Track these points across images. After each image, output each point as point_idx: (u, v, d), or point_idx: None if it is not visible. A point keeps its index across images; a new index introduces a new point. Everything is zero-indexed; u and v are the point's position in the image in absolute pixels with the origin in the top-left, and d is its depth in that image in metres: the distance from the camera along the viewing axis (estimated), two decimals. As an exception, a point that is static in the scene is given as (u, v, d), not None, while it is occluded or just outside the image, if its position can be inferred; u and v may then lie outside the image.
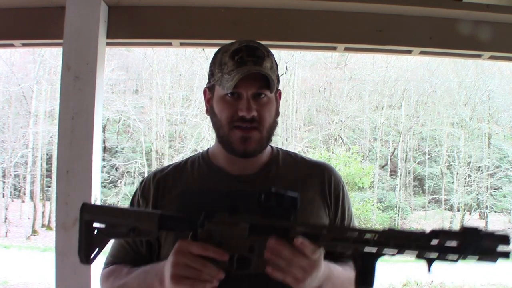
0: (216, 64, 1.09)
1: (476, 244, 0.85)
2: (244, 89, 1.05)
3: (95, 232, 0.99)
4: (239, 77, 1.02)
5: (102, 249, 1.00)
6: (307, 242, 0.90)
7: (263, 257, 0.91)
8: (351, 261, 1.14)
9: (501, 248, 0.86)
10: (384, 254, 0.90)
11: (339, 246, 0.91)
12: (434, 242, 0.87)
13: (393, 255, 0.89)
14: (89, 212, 1.00)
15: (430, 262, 0.89)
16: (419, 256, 0.88)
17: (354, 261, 0.93)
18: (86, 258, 0.99)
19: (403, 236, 0.88)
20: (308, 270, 0.91)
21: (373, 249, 0.89)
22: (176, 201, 1.12)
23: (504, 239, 0.86)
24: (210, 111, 1.13)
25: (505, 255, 0.86)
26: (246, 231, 0.92)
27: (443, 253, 0.87)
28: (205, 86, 1.16)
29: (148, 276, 1.04)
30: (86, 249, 0.98)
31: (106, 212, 1.03)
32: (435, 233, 0.87)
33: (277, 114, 1.14)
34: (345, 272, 1.10)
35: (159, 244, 1.14)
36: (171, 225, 0.98)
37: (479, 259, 0.86)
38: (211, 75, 1.11)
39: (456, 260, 0.87)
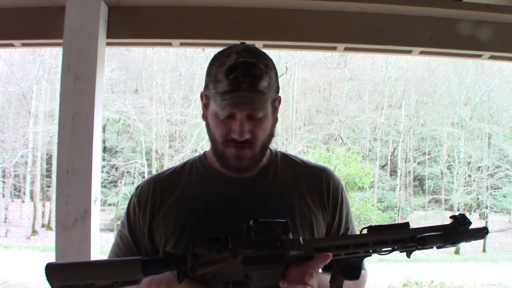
0: (211, 77, 1.04)
1: (456, 241, 0.97)
2: (238, 111, 1.01)
3: None
4: (229, 109, 1.00)
5: None
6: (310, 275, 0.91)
7: (261, 279, 0.93)
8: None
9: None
10: (371, 255, 0.98)
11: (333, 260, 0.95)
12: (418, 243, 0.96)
13: (379, 254, 0.98)
14: (58, 274, 0.87)
15: (410, 252, 0.98)
16: (401, 252, 0.98)
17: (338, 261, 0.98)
18: None
19: (391, 240, 0.95)
20: (314, 285, 0.93)
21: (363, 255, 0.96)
22: (175, 207, 1.11)
23: (481, 235, 0.98)
24: (206, 120, 1.11)
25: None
26: (240, 265, 0.91)
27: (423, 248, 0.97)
28: (203, 90, 1.12)
29: None
30: None
31: (79, 271, 0.90)
32: (422, 241, 0.96)
33: (275, 122, 1.12)
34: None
35: (156, 251, 1.13)
36: (157, 268, 0.93)
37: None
38: (206, 86, 1.07)
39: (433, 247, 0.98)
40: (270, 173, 1.15)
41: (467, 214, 1.03)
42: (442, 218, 17.39)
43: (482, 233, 0.99)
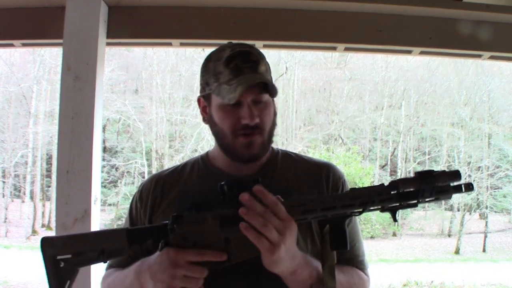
0: (210, 73, 1.07)
1: (432, 186, 0.91)
2: (243, 97, 1.03)
3: (62, 264, 0.93)
4: (242, 88, 1.01)
5: (74, 280, 0.95)
6: (279, 202, 0.91)
7: (241, 246, 0.92)
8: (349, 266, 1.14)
9: (453, 183, 0.93)
10: (351, 215, 0.95)
11: (309, 217, 0.94)
12: (394, 192, 0.92)
13: (359, 213, 0.95)
14: (51, 245, 0.95)
15: (394, 211, 0.95)
16: (383, 210, 0.94)
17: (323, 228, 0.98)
18: None
19: (366, 194, 0.93)
20: (282, 232, 0.89)
21: (341, 213, 0.94)
22: (174, 203, 1.13)
23: (455, 175, 0.92)
24: (208, 120, 1.13)
25: (458, 189, 0.93)
26: (217, 225, 0.92)
27: (405, 201, 0.93)
28: (199, 95, 1.14)
29: (127, 279, 1.04)
30: (57, 285, 0.93)
31: (69, 241, 0.97)
32: (394, 184, 0.92)
33: (275, 114, 1.14)
34: (344, 274, 1.09)
35: None
36: (142, 237, 0.96)
37: (436, 199, 0.94)
38: (206, 84, 1.09)
39: (416, 204, 0.94)
40: (269, 171, 1.16)
41: (467, 215, 1.00)
42: (442, 218, 17.41)
43: (457, 174, 0.93)
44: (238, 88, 1.01)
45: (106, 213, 15.75)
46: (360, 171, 14.82)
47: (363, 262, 1.19)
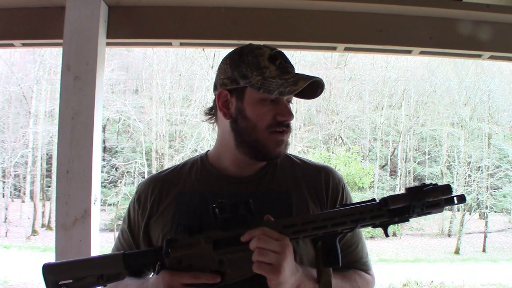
0: (250, 67, 1.05)
1: (423, 201, 0.92)
2: (301, 85, 1.05)
3: None
4: (305, 82, 1.02)
5: None
6: (265, 228, 0.94)
7: (235, 267, 0.94)
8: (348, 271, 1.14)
9: (444, 197, 0.93)
10: (342, 232, 0.97)
11: (301, 236, 0.96)
12: (385, 208, 0.93)
13: (351, 230, 0.97)
14: (52, 272, 0.98)
15: (385, 226, 0.96)
16: (374, 226, 0.96)
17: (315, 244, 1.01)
18: None
19: (357, 211, 0.95)
20: (281, 251, 0.91)
21: (332, 231, 0.96)
22: (173, 204, 1.12)
23: (446, 190, 0.92)
24: (235, 114, 1.09)
25: (450, 202, 0.94)
26: (211, 248, 0.95)
27: (396, 216, 0.94)
28: (225, 87, 1.09)
29: None
30: None
31: (69, 267, 1.01)
32: (384, 202, 0.93)
33: None
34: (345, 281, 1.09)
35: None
36: (137, 261, 1.00)
37: (427, 213, 0.94)
38: (242, 77, 1.06)
39: (408, 219, 0.95)
40: (269, 172, 1.15)
41: (467, 215, 0.99)
42: (442, 218, 17.40)
43: (449, 188, 0.92)
44: (299, 82, 1.03)
45: (106, 213, 15.75)
46: (360, 171, 14.81)
47: (366, 263, 1.19)
